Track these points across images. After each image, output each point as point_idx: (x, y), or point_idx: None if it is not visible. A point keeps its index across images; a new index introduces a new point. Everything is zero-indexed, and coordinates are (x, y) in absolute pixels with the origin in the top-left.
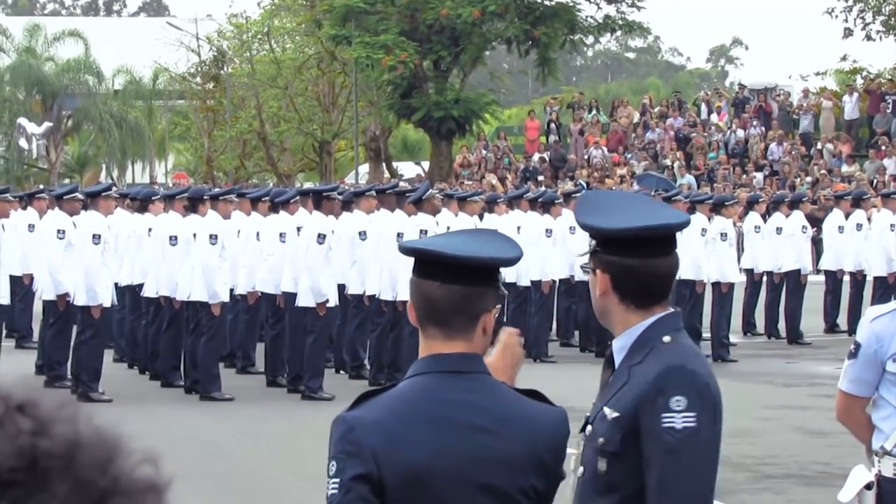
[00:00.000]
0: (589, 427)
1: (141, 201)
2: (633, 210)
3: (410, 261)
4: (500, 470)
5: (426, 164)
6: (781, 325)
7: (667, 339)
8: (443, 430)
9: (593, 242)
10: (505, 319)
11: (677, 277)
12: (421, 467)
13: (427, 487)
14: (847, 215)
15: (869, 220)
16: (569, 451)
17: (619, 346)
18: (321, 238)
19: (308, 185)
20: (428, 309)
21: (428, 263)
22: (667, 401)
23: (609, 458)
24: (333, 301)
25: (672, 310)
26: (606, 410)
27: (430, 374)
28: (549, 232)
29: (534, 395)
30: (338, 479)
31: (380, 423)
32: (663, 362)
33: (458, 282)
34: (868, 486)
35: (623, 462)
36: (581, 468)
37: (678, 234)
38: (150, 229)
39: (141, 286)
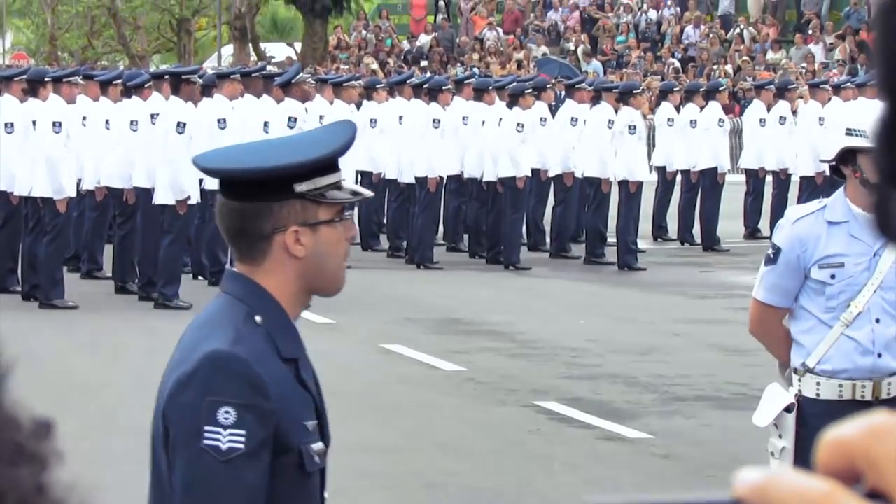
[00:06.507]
0: None
1: None
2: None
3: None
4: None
5: (298, 46)
6: (696, 230)
7: None
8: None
9: None
10: (385, 220)
11: (581, 175)
12: None
13: None
14: (769, 107)
15: (794, 112)
16: None
17: None
18: (181, 127)
19: (164, 67)
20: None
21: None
22: None
23: None
24: (195, 198)
25: None
26: None
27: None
28: (436, 122)
29: None
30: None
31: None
32: None
33: (242, 198)
34: (788, 409)
35: None
36: None
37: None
38: None
39: None
